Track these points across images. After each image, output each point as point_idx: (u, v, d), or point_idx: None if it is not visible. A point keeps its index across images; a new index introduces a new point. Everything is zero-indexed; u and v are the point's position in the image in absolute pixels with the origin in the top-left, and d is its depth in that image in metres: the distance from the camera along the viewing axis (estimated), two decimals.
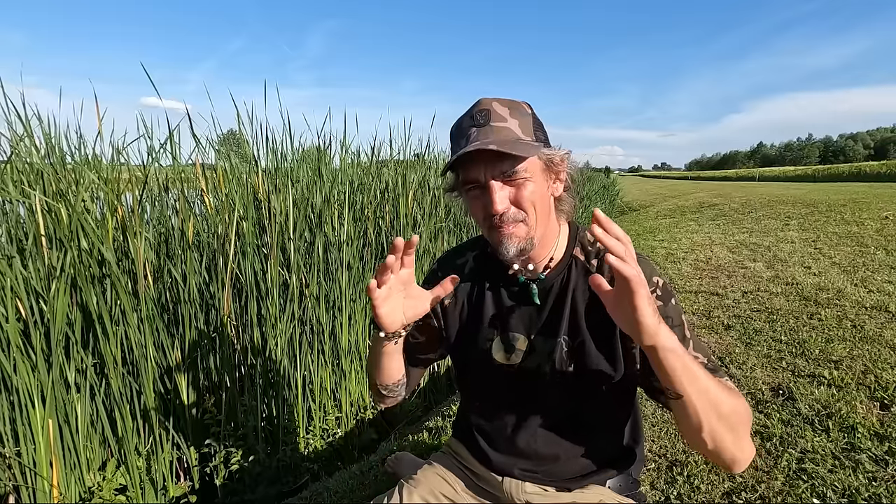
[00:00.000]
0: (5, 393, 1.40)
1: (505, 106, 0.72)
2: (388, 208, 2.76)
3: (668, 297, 0.74)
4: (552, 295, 0.79)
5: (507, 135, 0.70)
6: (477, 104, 0.72)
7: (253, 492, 1.83)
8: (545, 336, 0.80)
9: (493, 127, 0.70)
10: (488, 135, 0.70)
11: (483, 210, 0.73)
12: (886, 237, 4.62)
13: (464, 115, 0.74)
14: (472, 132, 0.71)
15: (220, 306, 1.88)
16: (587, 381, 0.77)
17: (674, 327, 0.71)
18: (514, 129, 0.71)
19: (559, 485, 0.84)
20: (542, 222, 0.74)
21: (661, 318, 0.72)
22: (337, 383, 2.29)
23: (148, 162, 1.92)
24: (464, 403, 0.97)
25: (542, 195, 0.73)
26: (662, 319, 0.60)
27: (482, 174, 0.70)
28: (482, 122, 0.71)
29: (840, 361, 2.06)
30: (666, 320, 0.72)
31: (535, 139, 0.73)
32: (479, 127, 0.71)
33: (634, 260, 0.57)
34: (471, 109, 0.73)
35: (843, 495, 1.31)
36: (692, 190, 17.74)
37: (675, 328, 0.71)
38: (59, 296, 1.41)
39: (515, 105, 0.73)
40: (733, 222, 6.75)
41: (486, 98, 0.73)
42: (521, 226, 0.73)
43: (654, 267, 0.77)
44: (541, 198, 0.73)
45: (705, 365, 0.70)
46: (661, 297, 0.74)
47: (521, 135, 0.71)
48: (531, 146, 0.71)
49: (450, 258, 0.92)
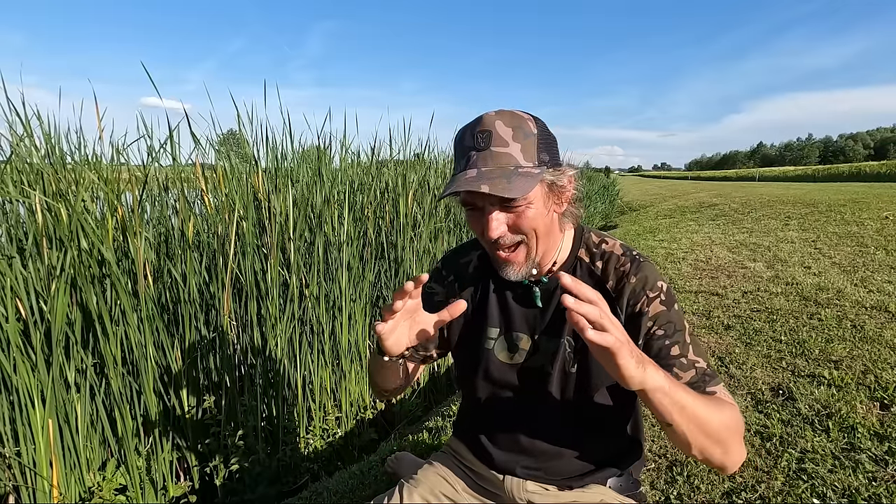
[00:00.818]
0: (5, 393, 1.40)
1: (508, 126, 0.68)
2: (388, 208, 2.76)
3: (671, 301, 0.74)
4: (556, 296, 0.79)
5: (508, 161, 0.67)
6: (480, 122, 0.69)
7: (253, 492, 1.83)
8: (549, 336, 0.80)
9: (492, 153, 0.67)
10: (487, 161, 0.67)
11: (481, 230, 0.72)
12: (886, 237, 4.62)
13: (466, 128, 0.71)
14: (472, 155, 0.68)
15: (220, 306, 1.88)
16: (590, 382, 0.78)
17: (675, 332, 0.72)
18: (516, 154, 0.68)
19: (560, 483, 0.84)
20: (543, 242, 0.74)
21: (664, 323, 0.73)
22: (337, 383, 2.29)
23: (148, 162, 1.92)
24: (465, 403, 0.97)
25: (543, 218, 0.72)
26: (648, 362, 0.59)
27: (481, 199, 0.69)
28: (482, 146, 0.68)
29: (840, 361, 2.06)
30: (668, 325, 0.72)
31: (537, 163, 0.69)
32: (479, 151, 0.68)
33: (610, 316, 0.55)
34: (473, 126, 0.70)
35: (843, 495, 1.31)
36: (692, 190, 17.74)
37: (676, 332, 0.72)
38: (59, 296, 1.41)
39: (520, 124, 0.69)
40: (733, 222, 6.75)
41: (489, 114, 0.69)
42: (521, 248, 0.73)
43: (656, 271, 0.77)
44: (542, 220, 0.72)
45: (703, 371, 0.71)
46: (664, 301, 0.74)
47: (521, 161, 0.68)
48: (529, 177, 0.67)
49: (453, 257, 0.92)
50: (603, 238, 0.82)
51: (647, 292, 0.74)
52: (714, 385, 0.70)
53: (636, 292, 0.74)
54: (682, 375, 0.69)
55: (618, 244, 0.80)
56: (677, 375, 0.69)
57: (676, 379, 0.69)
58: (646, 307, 0.73)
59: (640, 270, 0.76)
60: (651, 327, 0.72)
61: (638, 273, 0.75)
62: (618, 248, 0.79)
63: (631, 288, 0.74)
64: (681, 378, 0.69)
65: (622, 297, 0.75)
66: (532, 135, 0.69)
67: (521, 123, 0.69)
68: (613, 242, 0.80)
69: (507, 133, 0.68)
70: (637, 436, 0.89)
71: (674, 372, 0.70)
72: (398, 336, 0.71)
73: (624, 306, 0.74)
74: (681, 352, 0.71)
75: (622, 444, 0.87)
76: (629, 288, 0.74)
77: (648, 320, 0.72)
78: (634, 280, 0.74)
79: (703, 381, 0.70)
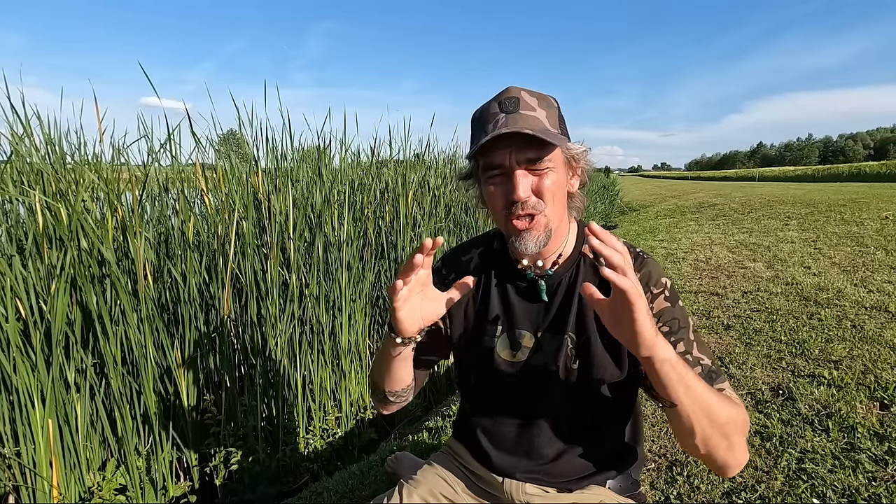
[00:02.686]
0: (5, 393, 1.40)
1: (533, 96, 0.72)
2: (387, 208, 2.76)
3: (675, 298, 0.74)
4: (560, 291, 0.79)
5: (536, 124, 0.70)
6: (506, 91, 0.72)
7: (253, 492, 1.83)
8: (552, 333, 0.79)
9: (522, 115, 0.70)
10: (517, 122, 0.69)
11: (503, 198, 0.72)
12: (886, 237, 4.62)
13: (490, 101, 0.73)
14: (501, 118, 0.70)
15: (220, 306, 1.88)
16: (591, 380, 0.77)
17: (679, 329, 0.71)
18: (543, 119, 0.71)
19: (560, 485, 0.84)
20: (556, 215, 0.74)
21: (668, 320, 0.72)
22: (337, 383, 2.29)
23: (148, 162, 1.92)
24: (465, 403, 0.97)
25: (561, 187, 0.73)
26: (658, 331, 0.60)
27: (508, 159, 0.70)
28: (511, 109, 0.70)
29: (840, 361, 2.06)
30: (672, 322, 0.72)
31: (560, 132, 0.73)
32: (509, 113, 0.70)
33: (632, 271, 0.56)
34: (499, 96, 0.72)
35: (842, 495, 1.31)
36: (692, 190, 17.74)
37: (681, 329, 0.71)
38: (59, 295, 1.41)
39: (543, 97, 0.73)
40: (733, 222, 6.75)
41: (514, 87, 0.72)
42: (539, 218, 0.72)
43: (660, 268, 0.76)
44: (560, 190, 0.73)
45: (709, 367, 0.70)
46: (668, 298, 0.74)
47: (548, 126, 0.71)
48: (559, 137, 0.71)
49: (454, 255, 0.91)
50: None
51: (651, 288, 0.74)
52: (720, 382, 0.70)
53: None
54: None
55: (621, 241, 0.80)
56: None
57: None
58: (650, 303, 0.73)
59: (644, 266, 0.75)
60: (655, 323, 0.72)
61: (642, 269, 0.75)
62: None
63: None
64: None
65: None
66: (554, 107, 0.74)
67: (544, 97, 0.73)
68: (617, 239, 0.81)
69: (534, 101, 0.72)
70: (637, 436, 0.89)
71: None
72: (411, 309, 0.70)
73: None
74: (686, 348, 0.71)
75: (622, 445, 0.86)
76: None
77: (653, 317, 0.72)
78: (639, 276, 0.74)
79: (710, 378, 0.69)
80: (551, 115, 0.72)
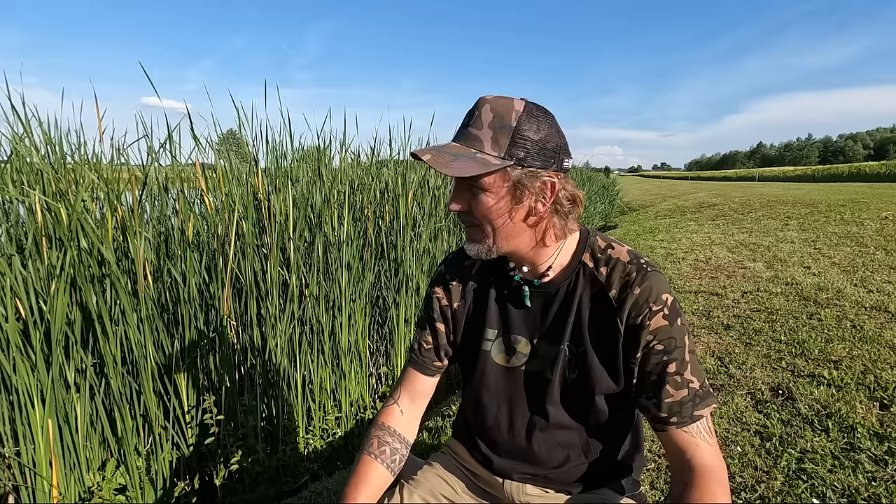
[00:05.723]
0: (5, 393, 1.40)
1: (492, 113, 0.68)
2: (387, 208, 2.76)
3: (676, 316, 0.71)
4: (557, 300, 0.78)
5: (473, 144, 0.68)
6: (477, 102, 0.71)
7: (253, 492, 1.83)
8: (549, 342, 0.78)
9: (467, 132, 0.69)
10: (460, 138, 0.70)
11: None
12: (886, 237, 4.62)
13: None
14: (458, 130, 0.72)
15: (220, 306, 1.88)
16: (590, 391, 0.76)
17: (675, 348, 0.70)
18: (486, 140, 0.68)
19: (560, 488, 0.84)
20: (503, 238, 0.72)
21: (664, 338, 0.71)
22: (337, 383, 2.29)
23: (148, 162, 1.92)
24: (464, 404, 0.97)
25: (501, 212, 0.70)
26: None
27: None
28: (465, 123, 0.71)
29: (840, 361, 2.06)
30: (668, 341, 0.70)
31: (503, 155, 0.67)
32: (463, 127, 0.71)
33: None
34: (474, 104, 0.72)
35: (842, 495, 1.31)
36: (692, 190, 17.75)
37: (676, 349, 0.70)
38: (58, 295, 1.41)
39: (504, 113, 0.68)
40: (733, 222, 6.75)
41: (487, 97, 0.70)
42: (476, 230, 0.73)
43: (663, 282, 0.72)
44: (499, 214, 0.70)
45: (695, 391, 0.69)
46: (666, 316, 0.70)
47: (486, 148, 0.68)
48: (481, 164, 0.66)
49: (456, 260, 0.90)
50: (610, 243, 0.78)
51: (650, 305, 0.71)
52: (703, 408, 0.69)
53: (639, 304, 0.71)
54: (673, 393, 0.69)
55: (625, 250, 0.76)
56: (669, 393, 0.69)
57: (668, 396, 0.69)
58: (647, 320, 0.70)
59: (645, 280, 0.72)
60: (651, 341, 0.70)
61: (643, 283, 0.71)
62: (625, 255, 0.75)
63: (634, 299, 0.71)
64: (672, 396, 0.69)
65: (624, 307, 0.72)
66: (509, 127, 0.67)
67: (507, 114, 0.68)
68: (621, 248, 0.76)
69: (488, 118, 0.68)
70: (637, 440, 0.88)
71: (666, 389, 0.69)
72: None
73: (625, 317, 0.72)
74: (677, 369, 0.69)
75: (622, 450, 0.86)
76: (632, 298, 0.71)
77: (648, 334, 0.70)
78: (638, 291, 0.71)
79: (694, 401, 0.69)
80: (499, 137, 0.67)
